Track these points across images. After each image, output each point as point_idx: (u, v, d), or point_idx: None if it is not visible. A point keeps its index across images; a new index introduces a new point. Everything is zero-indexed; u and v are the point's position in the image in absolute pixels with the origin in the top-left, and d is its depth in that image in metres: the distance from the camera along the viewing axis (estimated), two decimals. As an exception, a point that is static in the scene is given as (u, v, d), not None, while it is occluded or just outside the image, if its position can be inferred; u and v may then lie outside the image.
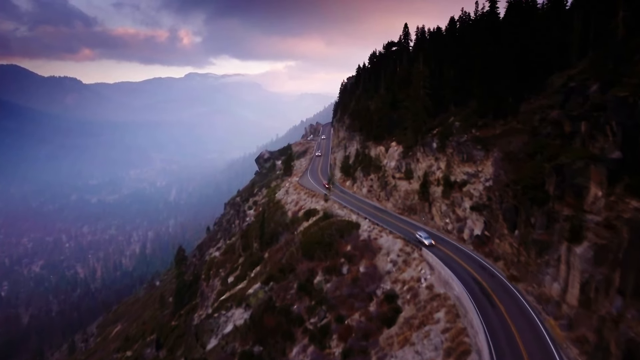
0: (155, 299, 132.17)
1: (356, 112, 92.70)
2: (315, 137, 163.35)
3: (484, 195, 51.44)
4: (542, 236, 39.34)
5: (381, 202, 69.97)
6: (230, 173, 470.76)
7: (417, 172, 63.53)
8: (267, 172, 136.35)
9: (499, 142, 54.15)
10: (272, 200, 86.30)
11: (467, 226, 52.22)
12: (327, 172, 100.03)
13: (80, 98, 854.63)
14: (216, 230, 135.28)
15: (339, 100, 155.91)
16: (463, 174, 55.64)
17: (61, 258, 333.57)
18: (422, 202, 59.93)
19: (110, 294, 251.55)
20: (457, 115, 64.67)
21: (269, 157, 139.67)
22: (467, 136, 57.89)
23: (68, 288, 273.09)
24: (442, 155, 59.91)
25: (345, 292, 49.66)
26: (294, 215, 71.76)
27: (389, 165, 70.59)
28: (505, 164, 50.09)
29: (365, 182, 76.19)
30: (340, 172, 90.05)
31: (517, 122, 55.86)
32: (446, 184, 56.80)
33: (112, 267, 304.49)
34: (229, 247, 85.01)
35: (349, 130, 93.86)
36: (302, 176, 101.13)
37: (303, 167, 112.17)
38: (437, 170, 59.63)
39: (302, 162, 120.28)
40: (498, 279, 42.42)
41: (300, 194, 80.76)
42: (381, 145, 77.21)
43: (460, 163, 56.74)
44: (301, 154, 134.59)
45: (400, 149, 69.43)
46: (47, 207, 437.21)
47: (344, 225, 57.69)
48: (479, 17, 73.74)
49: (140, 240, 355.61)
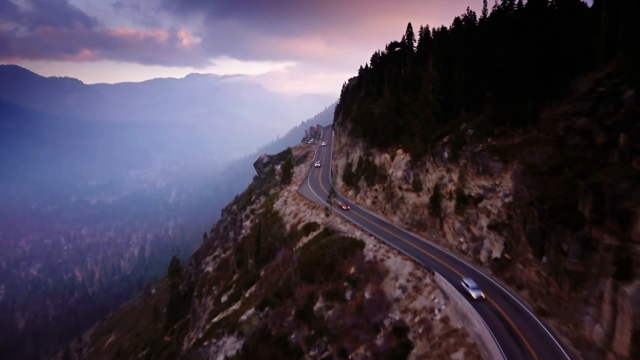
0: (150, 308, 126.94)
1: (359, 117, 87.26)
2: (316, 141, 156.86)
3: (503, 213, 45.96)
4: (578, 267, 33.89)
5: (387, 216, 64.51)
6: (230, 174, 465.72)
7: (426, 183, 58.07)
8: (265, 177, 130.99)
9: (518, 152, 48.72)
10: (270, 211, 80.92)
11: (484, 247, 46.74)
12: (328, 180, 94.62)
13: (81, 98, 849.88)
14: (213, 238, 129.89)
15: (340, 103, 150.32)
16: (478, 187, 50.18)
17: (59, 261, 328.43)
18: (433, 217, 54.49)
19: (108, 299, 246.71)
20: (470, 122, 59.25)
21: (268, 161, 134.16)
22: (483, 145, 52.45)
23: (65, 292, 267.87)
24: (455, 166, 54.45)
25: (349, 322, 44.23)
26: (293, 229, 66.41)
27: (395, 175, 65.14)
28: (527, 178, 44.61)
29: (370, 193, 70.73)
30: (342, 181, 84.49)
31: (539, 130, 50.43)
32: (460, 199, 51.33)
33: (111, 271, 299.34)
34: (222, 262, 79.66)
35: (352, 136, 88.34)
36: (301, 184, 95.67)
37: (303, 173, 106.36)
38: (449, 183, 54.16)
39: (301, 168, 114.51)
40: (525, 314, 36.93)
41: (300, 204, 75.32)
42: (386, 152, 71.76)
43: (475, 175, 51.30)
44: (301, 158, 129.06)
45: (407, 158, 63.97)
46: (47, 208, 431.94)
47: (347, 243, 52.27)
48: (494, 14, 68.27)
49: (139, 243, 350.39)
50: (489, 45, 63.17)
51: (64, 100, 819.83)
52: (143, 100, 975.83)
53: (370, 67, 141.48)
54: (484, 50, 64.19)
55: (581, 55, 52.57)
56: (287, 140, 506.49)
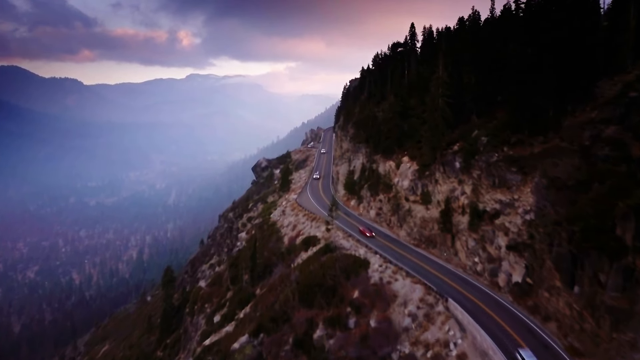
0: (145, 317, 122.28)
1: (361, 121, 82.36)
2: (316, 145, 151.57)
3: (524, 232, 41.17)
4: (619, 302, 29.17)
5: (392, 229, 59.69)
6: (230, 175, 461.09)
7: (436, 195, 53.26)
8: (264, 182, 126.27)
9: (539, 163, 43.86)
10: (267, 221, 76.10)
11: (503, 269, 41.96)
12: (329, 188, 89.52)
13: (81, 99, 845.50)
14: (210, 244, 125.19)
15: (341, 105, 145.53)
16: (494, 202, 45.38)
17: (57, 263, 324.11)
18: (444, 233, 49.70)
19: (105, 303, 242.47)
20: (482, 129, 54.41)
21: (266, 165, 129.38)
22: (498, 155, 47.63)
23: (62, 296, 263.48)
24: (467, 177, 49.64)
25: (353, 353, 39.48)
26: (291, 242, 61.66)
27: (401, 184, 60.35)
28: (551, 194, 39.86)
29: (373, 203, 65.94)
30: (344, 190, 79.50)
31: (561, 139, 45.56)
32: (474, 214, 46.54)
33: (109, 274, 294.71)
34: (216, 276, 74.85)
35: (354, 142, 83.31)
36: (301, 193, 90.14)
37: (302, 180, 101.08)
38: (462, 196, 49.35)
39: (301, 174, 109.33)
40: (554, 352, 32.15)
41: (299, 215, 70.48)
42: (391, 160, 66.96)
43: (490, 188, 46.50)
44: (301, 162, 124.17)
45: (414, 167, 59.18)
46: (45, 209, 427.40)
47: (350, 262, 47.46)
48: (505, 12, 63.53)
49: (137, 245, 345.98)
50: (502, 45, 58.49)
51: (64, 100, 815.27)
52: (143, 100, 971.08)
53: (372, 68, 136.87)
54: (496, 51, 59.54)
55: (605, 56, 47.82)
56: (288, 141, 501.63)
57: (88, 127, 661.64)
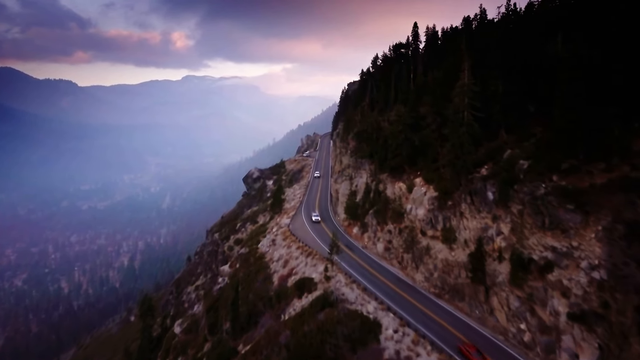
0: (124, 343, 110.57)
1: (364, 133, 70.95)
2: (312, 153, 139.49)
3: (593, 297, 30.09)
4: None
5: (406, 270, 48.39)
6: (225, 178, 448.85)
7: (462, 232, 42.10)
8: (256, 194, 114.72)
9: (606, 200, 32.95)
10: (254, 252, 64.40)
11: (564, 347, 30.81)
12: (327, 209, 77.45)
13: (76, 101, 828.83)
14: (197, 262, 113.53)
15: (339, 110, 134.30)
16: (545, 248, 34.29)
17: (46, 271, 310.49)
18: (475, 284, 38.53)
19: (93, 314, 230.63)
20: (517, 148, 43.44)
21: (258, 176, 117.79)
22: (546, 186, 36.55)
23: (49, 306, 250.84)
24: (505, 212, 38.52)
25: None
26: (282, 283, 50.34)
27: (416, 213, 49.12)
28: (635, 246, 28.90)
29: (381, 234, 54.69)
30: (344, 214, 67.82)
31: (631, 167, 34.72)
32: (516, 263, 35.43)
33: (99, 282, 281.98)
34: (193, 322, 63.29)
35: (356, 157, 71.65)
36: (294, 216, 77.02)
37: (297, 198, 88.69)
38: (498, 237, 38.23)
39: (295, 191, 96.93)
40: None
41: (292, 248, 58.83)
42: (400, 181, 55.73)
43: (537, 229, 35.40)
44: (296, 173, 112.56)
45: (431, 192, 47.99)
46: (36, 214, 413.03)
47: (357, 325, 36.16)
48: (535, 6, 52.65)
49: (130, 251, 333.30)
50: (541, 45, 47.57)
51: (59, 102, 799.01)
52: (139, 102, 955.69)
53: (372, 69, 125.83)
54: (530, 52, 48.65)
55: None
56: (284, 144, 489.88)
57: (83, 129, 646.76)
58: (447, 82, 56.59)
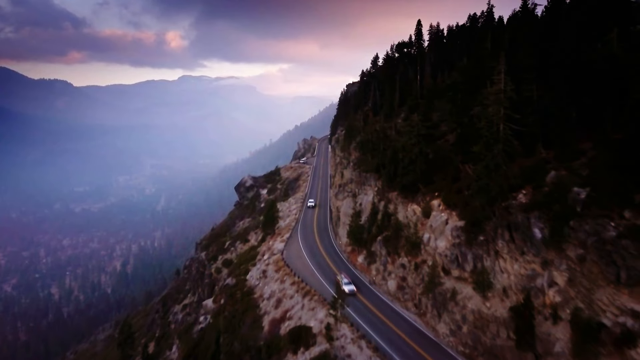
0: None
1: (368, 143, 61.49)
2: (310, 159, 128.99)
3: None
4: None
5: (425, 318, 39.13)
6: (221, 180, 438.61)
7: (499, 277, 33.03)
8: (249, 204, 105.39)
9: None
10: (242, 285, 54.78)
11: None
12: (326, 231, 67.25)
13: (71, 101, 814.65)
14: (185, 278, 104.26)
15: (338, 113, 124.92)
16: (620, 311, 25.33)
17: (36, 276, 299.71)
18: (520, 352, 29.44)
19: (83, 322, 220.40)
20: (563, 168, 34.54)
21: (251, 184, 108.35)
22: (615, 224, 27.61)
23: (38, 314, 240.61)
24: (559, 256, 29.51)
25: None
26: (273, 330, 41.13)
27: (435, 245, 39.99)
28: None
29: (392, 268, 45.47)
30: (347, 237, 58.23)
31: None
32: (582, 328, 26.45)
33: (90, 287, 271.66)
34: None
35: (359, 170, 62.00)
36: (289, 239, 65.21)
37: (292, 215, 77.59)
38: (551, 289, 29.23)
39: (290, 205, 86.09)
40: None
41: (285, 283, 48.95)
42: (414, 202, 46.57)
43: (608, 284, 26.44)
44: (292, 182, 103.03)
45: (454, 220, 38.87)
46: (28, 217, 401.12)
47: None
48: None
49: (123, 255, 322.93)
50: (586, 42, 38.75)
51: (54, 103, 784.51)
52: (136, 102, 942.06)
53: (373, 71, 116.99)
54: (573, 50, 39.81)
55: None
56: (280, 145, 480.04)
57: (79, 130, 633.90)
58: (469, 87, 47.65)
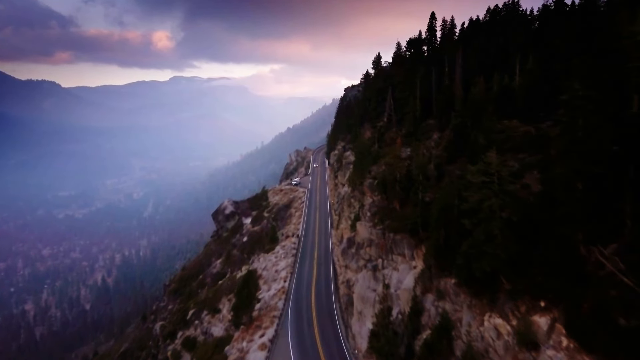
0: None
1: (394, 183, 38.66)
2: (302, 180, 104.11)
3: None
4: None
5: None
6: (211, 184, 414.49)
7: None
8: (227, 237, 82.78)
9: None
10: None
11: None
12: (331, 311, 44.05)
13: (60, 102, 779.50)
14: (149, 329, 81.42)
15: (336, 123, 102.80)
16: None
17: (11, 290, 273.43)
18: None
19: (56, 346, 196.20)
20: None
21: (232, 211, 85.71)
22: None
23: (8, 336, 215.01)
24: None
25: None
26: None
27: None
28: None
29: None
30: (368, 346, 33.67)
31: None
32: None
33: (68, 303, 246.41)
34: None
35: (383, 229, 37.61)
36: (274, 341, 39.86)
37: (279, 281, 50.10)
38: None
39: (278, 259, 57.68)
40: None
41: None
42: (496, 312, 24.72)
43: None
44: (282, 210, 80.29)
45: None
46: (8, 224, 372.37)
47: None
48: None
49: (105, 266, 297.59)
50: None
51: (41, 104, 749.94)
52: (126, 103, 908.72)
53: (374, 71, 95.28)
54: None
55: None
56: (272, 148, 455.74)
57: (67, 132, 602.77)
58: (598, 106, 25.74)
